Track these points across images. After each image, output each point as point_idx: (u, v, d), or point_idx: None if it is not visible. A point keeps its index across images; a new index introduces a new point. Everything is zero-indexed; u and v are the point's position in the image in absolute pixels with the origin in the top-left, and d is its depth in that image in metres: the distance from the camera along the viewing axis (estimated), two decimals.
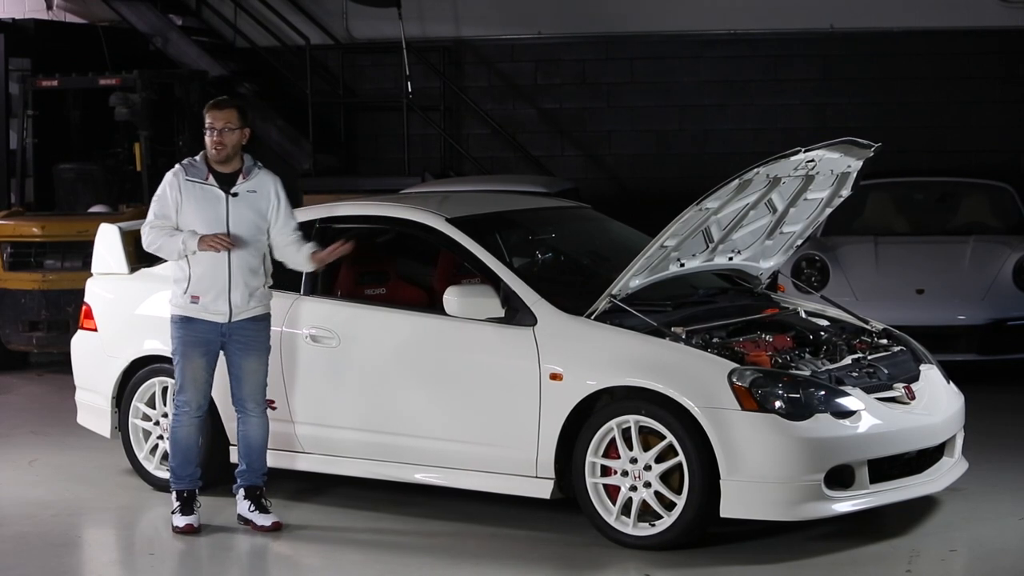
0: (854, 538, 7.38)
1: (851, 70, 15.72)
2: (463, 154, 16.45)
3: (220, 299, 7.66)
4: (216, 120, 7.68)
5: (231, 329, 7.70)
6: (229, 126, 7.67)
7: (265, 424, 7.88)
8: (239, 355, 7.75)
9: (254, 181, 7.76)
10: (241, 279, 7.68)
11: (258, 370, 7.80)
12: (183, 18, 16.67)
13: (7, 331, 12.67)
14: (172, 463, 7.85)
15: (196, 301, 7.67)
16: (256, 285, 7.75)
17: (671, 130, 16.17)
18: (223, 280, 7.65)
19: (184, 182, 7.67)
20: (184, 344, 7.71)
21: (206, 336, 7.69)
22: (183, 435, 7.79)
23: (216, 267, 7.64)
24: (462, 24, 16.58)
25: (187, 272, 7.67)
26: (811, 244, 11.64)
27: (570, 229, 9.08)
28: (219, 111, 7.70)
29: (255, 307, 7.75)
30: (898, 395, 7.49)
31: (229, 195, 7.68)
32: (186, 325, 7.71)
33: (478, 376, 7.71)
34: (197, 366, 7.71)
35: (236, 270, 7.66)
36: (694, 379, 7.18)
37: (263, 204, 7.75)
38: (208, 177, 7.69)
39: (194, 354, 7.70)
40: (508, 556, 7.33)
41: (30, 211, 13.47)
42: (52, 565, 7.37)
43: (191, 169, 7.72)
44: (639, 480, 7.27)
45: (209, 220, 7.63)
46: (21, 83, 14.00)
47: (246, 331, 7.74)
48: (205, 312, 7.67)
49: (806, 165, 7.58)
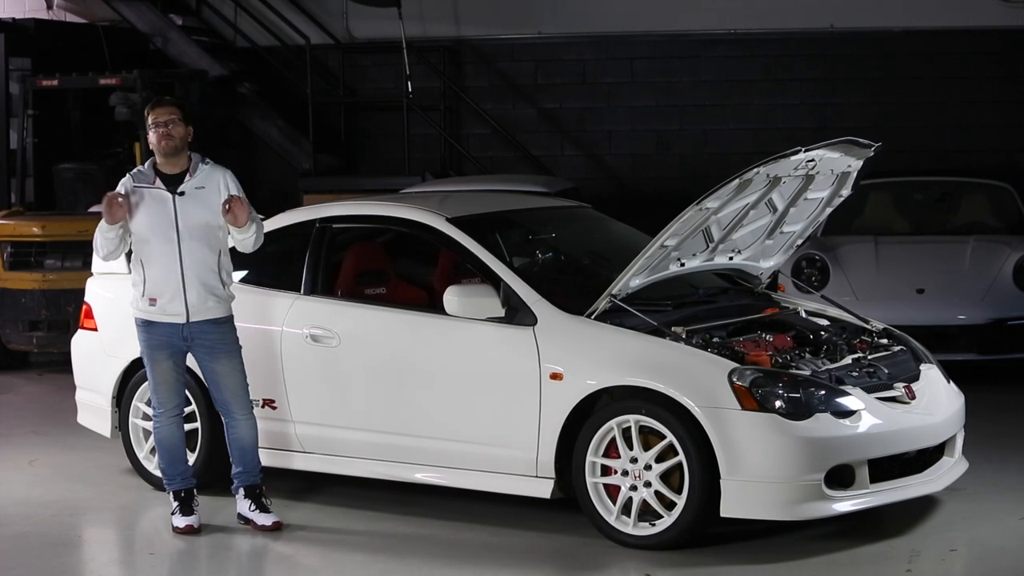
0: (854, 538, 7.38)
1: (851, 70, 15.71)
2: (463, 154, 16.45)
3: (176, 300, 7.63)
4: (160, 115, 7.67)
5: (191, 332, 7.66)
6: (174, 119, 7.67)
7: (253, 425, 7.86)
8: (207, 360, 7.74)
9: (201, 177, 7.71)
10: (195, 277, 7.63)
11: (231, 373, 7.77)
12: (183, 18, 16.66)
13: (7, 331, 12.68)
14: (161, 464, 7.88)
15: (154, 303, 7.65)
16: (213, 283, 7.68)
17: (671, 130, 16.17)
18: (176, 280, 7.61)
19: (133, 188, 7.66)
20: (149, 347, 7.71)
21: (168, 339, 7.68)
22: (165, 435, 7.81)
23: (169, 267, 7.61)
24: (462, 24, 16.57)
25: (142, 275, 7.66)
26: (811, 244, 11.64)
27: (570, 229, 9.08)
28: (162, 108, 7.70)
29: (213, 307, 7.69)
30: (898, 395, 7.50)
31: (175, 195, 7.64)
32: (148, 328, 7.71)
33: (478, 376, 7.71)
34: (165, 368, 7.72)
35: (189, 269, 7.62)
36: (694, 379, 7.18)
37: (214, 199, 7.67)
38: (155, 181, 7.67)
39: (160, 356, 7.71)
40: (508, 556, 7.33)
41: (30, 211, 13.48)
42: (52, 565, 7.37)
43: (139, 176, 7.72)
44: (639, 480, 7.27)
45: (158, 222, 7.61)
46: (21, 83, 14.01)
47: (208, 335, 7.70)
48: (163, 314, 7.65)
49: (806, 165, 7.58)
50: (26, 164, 13.83)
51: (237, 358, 7.80)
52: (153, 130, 7.68)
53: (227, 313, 7.77)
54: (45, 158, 13.83)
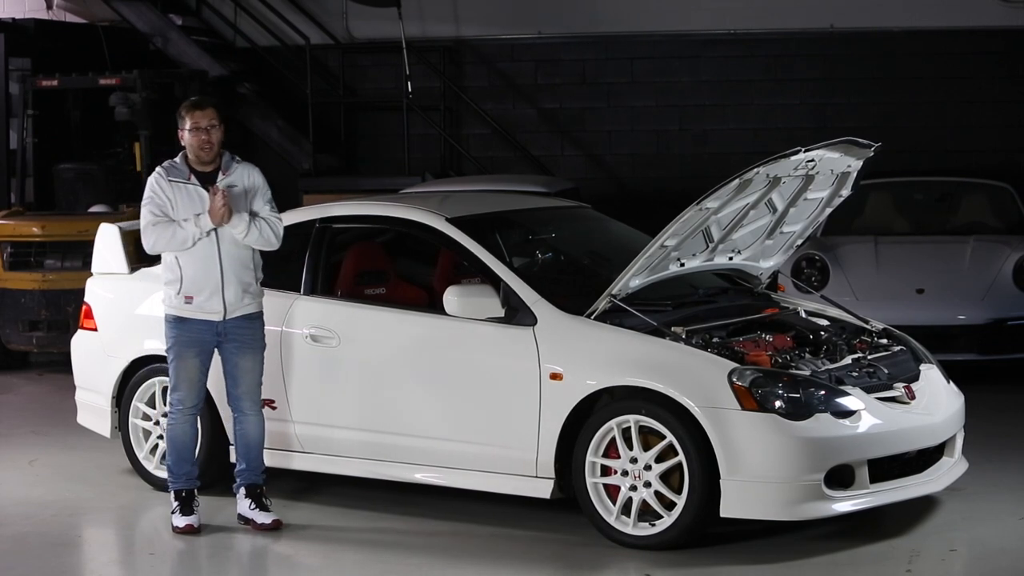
0: (854, 538, 7.38)
1: (851, 70, 15.70)
2: (463, 154, 16.44)
3: (214, 297, 7.65)
4: (200, 119, 7.65)
5: (226, 328, 7.69)
6: (213, 123, 7.66)
7: (261, 422, 7.88)
8: (235, 354, 7.75)
9: (234, 176, 7.74)
10: (234, 275, 7.67)
11: (254, 369, 7.80)
12: (183, 18, 16.66)
13: (7, 331, 12.68)
14: (168, 461, 7.87)
15: (190, 301, 7.66)
16: (249, 280, 7.74)
17: (671, 130, 16.16)
18: (215, 277, 7.64)
19: (169, 183, 7.65)
20: (178, 344, 7.70)
21: (201, 336, 7.69)
22: (178, 433, 7.80)
23: (208, 265, 7.62)
24: (462, 24, 16.57)
25: (179, 273, 7.65)
26: (811, 244, 11.64)
27: (570, 229, 9.08)
28: (201, 110, 7.67)
29: (249, 304, 7.75)
30: (898, 395, 7.50)
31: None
32: (180, 325, 7.70)
33: (478, 376, 7.71)
34: (191, 366, 7.72)
35: (228, 266, 7.65)
36: (694, 379, 7.18)
37: (242, 196, 7.72)
38: (190, 177, 7.67)
39: (188, 354, 7.70)
40: (508, 556, 7.33)
41: (30, 211, 13.47)
42: (52, 565, 7.38)
43: (173, 170, 7.69)
44: (639, 480, 7.27)
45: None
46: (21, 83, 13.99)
47: (241, 329, 7.73)
48: (200, 311, 7.66)
49: (806, 165, 7.58)
50: (26, 164, 13.81)
51: (261, 355, 7.83)
52: (192, 133, 7.64)
53: (260, 309, 7.83)
54: (45, 158, 13.81)
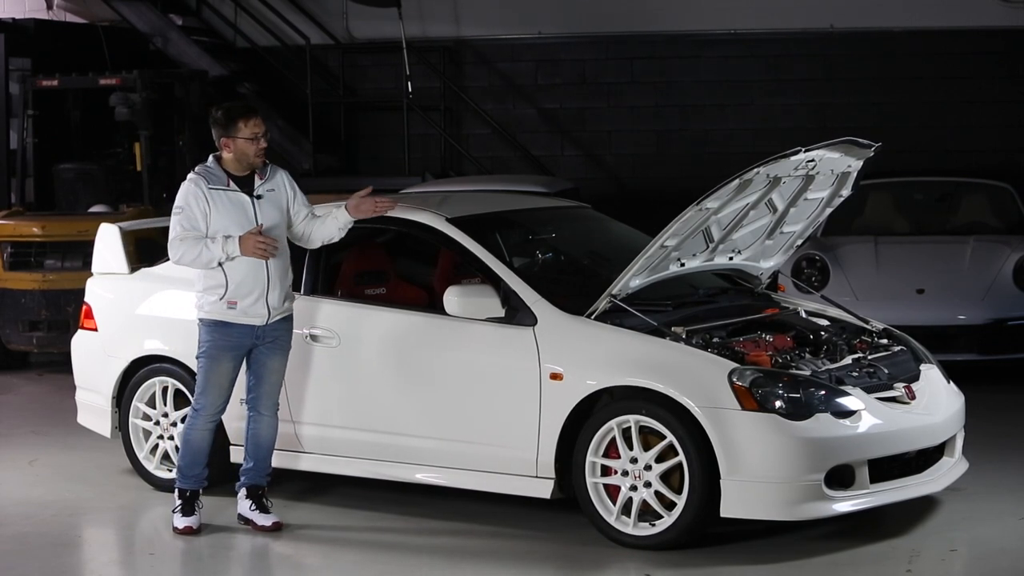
0: (854, 538, 7.38)
1: (851, 70, 15.72)
2: (463, 154, 16.45)
3: (260, 302, 7.63)
4: (256, 127, 7.63)
5: (265, 331, 7.69)
6: (266, 132, 7.71)
7: (275, 426, 7.87)
8: (266, 355, 7.73)
9: (271, 181, 7.74)
10: (278, 280, 7.68)
11: (279, 370, 7.81)
12: (183, 18, 16.68)
13: (7, 331, 12.67)
14: (181, 462, 7.83)
15: (234, 306, 7.61)
16: (288, 284, 7.78)
17: (671, 130, 16.17)
18: (263, 283, 7.61)
19: (208, 191, 7.58)
20: (215, 348, 7.65)
21: (240, 340, 7.66)
22: (196, 437, 7.77)
23: (256, 271, 7.60)
24: (462, 24, 16.58)
25: (224, 279, 7.59)
26: (811, 244, 11.64)
27: (570, 229, 9.08)
28: (255, 119, 7.66)
29: (288, 306, 7.78)
30: (898, 395, 7.49)
31: (253, 198, 7.65)
32: (219, 329, 7.64)
33: (478, 376, 7.71)
34: (224, 371, 7.69)
35: (274, 272, 7.65)
36: (694, 379, 7.18)
37: (283, 200, 7.74)
38: (229, 183, 7.64)
39: (224, 358, 7.67)
40: (508, 556, 7.33)
41: (30, 211, 13.47)
42: (52, 565, 7.38)
43: (211, 177, 7.63)
44: (639, 480, 7.27)
45: (243, 226, 7.57)
46: (21, 83, 14.00)
47: (277, 331, 7.74)
48: (244, 316, 7.63)
49: (806, 165, 7.58)
50: (26, 164, 13.82)
51: (287, 357, 7.84)
52: (249, 141, 7.61)
53: (292, 311, 7.84)
54: (45, 158, 13.82)
